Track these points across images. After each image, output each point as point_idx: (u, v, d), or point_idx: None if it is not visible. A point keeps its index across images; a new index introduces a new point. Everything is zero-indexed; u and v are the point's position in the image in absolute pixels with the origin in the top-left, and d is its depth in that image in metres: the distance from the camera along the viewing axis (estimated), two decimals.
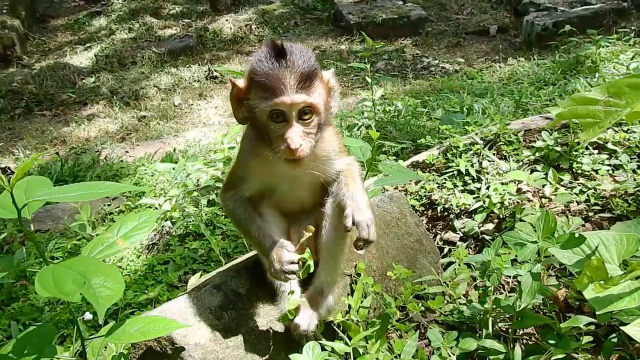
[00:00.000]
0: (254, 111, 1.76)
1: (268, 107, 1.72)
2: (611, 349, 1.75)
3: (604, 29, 7.28)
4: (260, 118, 1.76)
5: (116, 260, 3.64)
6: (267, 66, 1.71)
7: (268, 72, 1.71)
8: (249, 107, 1.78)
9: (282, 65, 1.71)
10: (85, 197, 1.37)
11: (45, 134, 7.26)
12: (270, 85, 1.71)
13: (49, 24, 11.40)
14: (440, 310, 2.08)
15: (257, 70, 1.73)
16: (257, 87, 1.74)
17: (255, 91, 1.75)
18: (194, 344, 1.83)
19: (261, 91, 1.73)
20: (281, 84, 1.70)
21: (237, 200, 1.98)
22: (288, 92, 1.70)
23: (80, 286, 1.23)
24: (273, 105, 1.71)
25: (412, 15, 9.92)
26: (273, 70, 1.71)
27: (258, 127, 1.82)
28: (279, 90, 1.70)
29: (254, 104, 1.75)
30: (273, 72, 1.71)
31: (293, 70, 1.71)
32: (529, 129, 3.26)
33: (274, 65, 1.71)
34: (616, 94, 1.23)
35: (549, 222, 1.67)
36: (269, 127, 1.76)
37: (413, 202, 3.08)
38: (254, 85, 1.75)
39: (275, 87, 1.70)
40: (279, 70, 1.71)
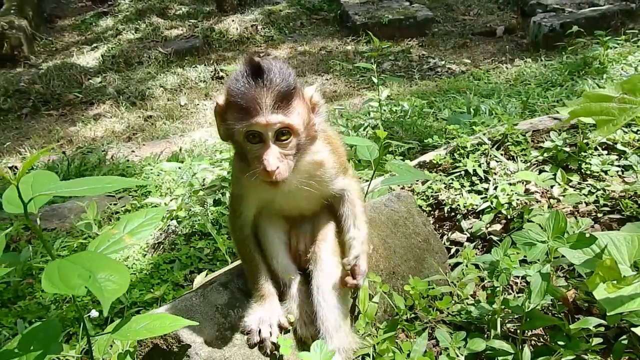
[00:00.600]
0: (231, 131, 1.73)
1: (243, 128, 1.68)
2: (622, 350, 1.73)
3: (611, 30, 7.24)
4: (237, 138, 1.73)
5: (122, 259, 3.65)
6: (243, 85, 1.67)
7: (243, 92, 1.67)
8: (227, 127, 1.75)
9: (259, 85, 1.66)
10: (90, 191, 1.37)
11: (52, 134, 7.29)
12: (245, 105, 1.66)
13: (56, 24, 11.45)
14: (448, 310, 2.07)
15: (233, 89, 1.69)
16: (233, 107, 1.70)
17: (231, 111, 1.72)
18: (200, 342, 1.82)
19: (237, 111, 1.69)
20: (256, 104, 1.66)
21: (242, 229, 1.99)
22: (264, 113, 1.66)
23: (86, 280, 1.23)
24: (248, 126, 1.67)
25: (419, 16, 9.90)
26: (249, 90, 1.66)
27: (237, 146, 1.80)
28: (254, 111, 1.66)
29: (231, 124, 1.71)
30: (248, 92, 1.66)
31: (270, 89, 1.66)
32: (537, 130, 3.24)
33: (249, 85, 1.66)
34: (631, 91, 1.21)
35: (559, 222, 1.65)
36: (246, 148, 1.73)
37: (420, 202, 3.06)
38: (231, 104, 1.72)
39: (251, 108, 1.66)
40: (255, 89, 1.66)
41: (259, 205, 1.98)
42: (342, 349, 1.89)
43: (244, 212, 1.97)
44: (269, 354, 1.89)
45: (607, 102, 1.22)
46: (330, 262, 1.97)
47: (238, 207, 1.97)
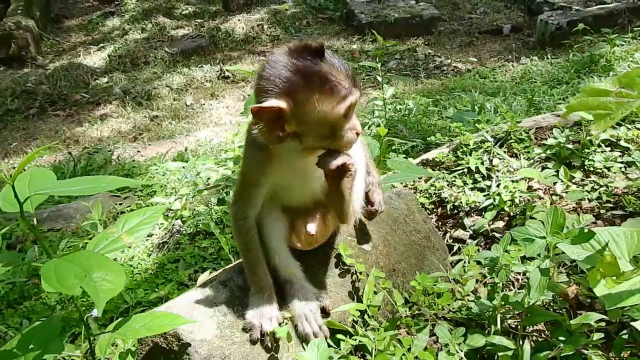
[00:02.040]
0: (316, 122, 1.69)
1: (342, 109, 1.69)
2: (622, 345, 1.72)
3: (619, 28, 7.19)
4: (328, 124, 1.71)
5: (127, 259, 3.66)
6: (322, 71, 1.65)
7: (327, 76, 1.65)
8: (304, 121, 1.69)
9: (331, 64, 1.67)
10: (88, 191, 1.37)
11: (59, 134, 7.34)
12: (336, 85, 1.66)
13: (63, 25, 11.52)
14: (448, 307, 2.06)
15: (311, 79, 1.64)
16: (318, 96, 1.65)
17: (316, 101, 1.66)
18: (200, 340, 1.82)
19: (326, 96, 1.66)
20: (344, 80, 1.67)
21: (247, 219, 1.97)
22: (352, 86, 1.69)
23: (82, 280, 1.23)
24: (348, 104, 1.69)
25: (425, 15, 9.87)
26: (329, 72, 1.66)
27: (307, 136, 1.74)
28: (346, 87, 1.68)
29: (319, 114, 1.67)
30: (330, 74, 1.66)
31: (340, 65, 1.69)
32: (540, 127, 3.22)
33: (327, 68, 1.66)
34: (628, 85, 1.20)
35: (558, 218, 1.64)
36: (339, 128, 1.73)
37: (423, 200, 3.06)
38: (310, 95, 1.65)
39: (342, 85, 1.67)
40: (331, 71, 1.66)
41: (274, 189, 1.96)
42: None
43: (256, 197, 1.94)
44: (270, 348, 1.89)
45: (604, 96, 1.21)
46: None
47: (250, 195, 1.95)
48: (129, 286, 3.37)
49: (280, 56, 1.69)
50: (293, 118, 1.68)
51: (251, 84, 8.31)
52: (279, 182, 1.94)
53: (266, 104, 1.65)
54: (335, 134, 1.73)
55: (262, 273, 1.97)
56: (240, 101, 7.96)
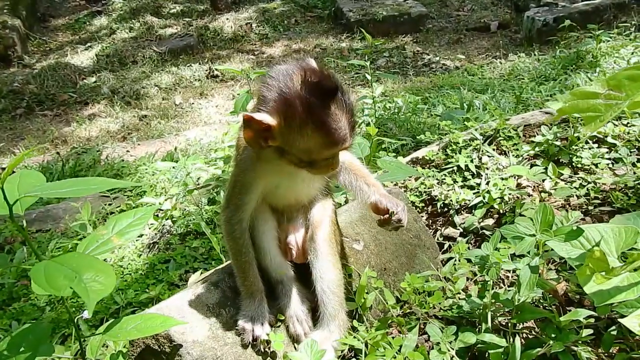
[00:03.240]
0: (300, 150, 1.67)
1: (329, 153, 1.69)
2: (611, 341, 1.74)
3: (604, 24, 7.26)
4: (310, 156, 1.69)
5: (117, 259, 3.64)
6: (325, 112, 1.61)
7: (327, 119, 1.61)
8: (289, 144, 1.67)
9: (338, 107, 1.62)
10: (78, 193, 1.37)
11: (47, 134, 7.28)
12: (331, 131, 1.62)
13: (49, 24, 11.42)
14: (439, 305, 2.07)
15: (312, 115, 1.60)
16: (311, 133, 1.62)
17: (307, 135, 1.63)
18: (191, 341, 1.82)
19: (317, 136, 1.63)
20: (341, 128, 1.63)
21: (241, 222, 1.95)
22: (347, 136, 1.65)
23: (71, 281, 1.23)
24: (336, 150, 1.69)
25: (413, 12, 9.90)
26: (331, 115, 1.61)
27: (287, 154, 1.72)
28: (341, 136, 1.64)
29: (305, 146, 1.65)
30: (331, 117, 1.61)
31: (346, 110, 1.65)
32: (528, 124, 3.24)
33: (331, 110, 1.61)
34: (616, 87, 1.21)
35: (547, 215, 1.66)
36: (318, 161, 1.72)
37: (413, 198, 3.07)
38: (303, 127, 1.62)
39: (337, 132, 1.62)
40: (335, 113, 1.62)
41: (263, 192, 1.96)
42: (340, 330, 1.97)
43: (248, 202, 1.93)
44: (262, 352, 1.89)
45: (594, 98, 1.22)
46: (328, 250, 1.99)
47: (242, 199, 1.93)
48: (120, 287, 3.35)
49: (294, 75, 1.64)
50: (280, 137, 1.66)
51: (240, 82, 8.29)
52: (268, 183, 1.95)
53: (258, 117, 1.63)
54: (313, 165, 1.73)
55: (253, 277, 1.96)
56: (230, 100, 7.94)
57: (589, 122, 1.20)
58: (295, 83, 1.63)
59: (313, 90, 1.61)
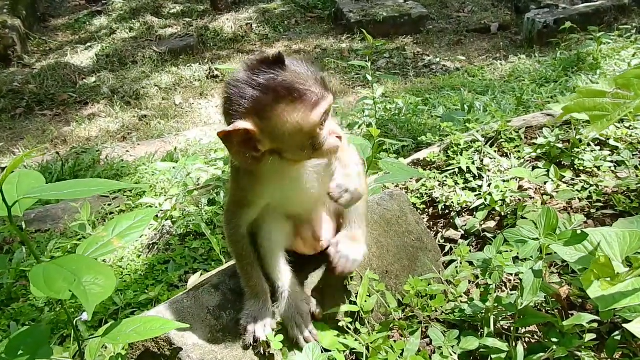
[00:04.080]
0: (290, 135, 1.58)
1: (320, 119, 1.58)
2: (614, 346, 1.73)
3: (605, 26, 7.26)
4: (303, 135, 1.59)
5: (117, 260, 3.63)
6: (285, 80, 1.54)
7: (291, 85, 1.53)
8: (278, 137, 1.58)
9: (295, 71, 1.56)
10: (78, 194, 1.35)
11: (46, 134, 7.27)
12: (306, 94, 1.54)
13: (49, 24, 11.41)
14: (441, 308, 2.06)
15: (275, 91, 1.53)
16: (286, 108, 1.54)
17: (285, 114, 1.55)
18: (192, 344, 1.80)
19: (297, 107, 1.54)
20: (311, 85, 1.56)
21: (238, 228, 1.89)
22: (323, 90, 1.58)
23: (71, 284, 1.21)
24: (323, 110, 1.58)
25: (413, 14, 9.89)
26: (294, 79, 1.54)
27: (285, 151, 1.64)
28: (316, 92, 1.56)
29: (291, 127, 1.56)
30: (295, 81, 1.54)
31: (305, 69, 1.58)
32: (530, 126, 3.23)
33: (291, 76, 1.54)
34: (625, 86, 1.19)
35: (551, 219, 1.64)
36: (316, 137, 1.61)
37: (414, 200, 3.06)
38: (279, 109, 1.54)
39: (310, 90, 1.55)
40: (297, 76, 1.55)
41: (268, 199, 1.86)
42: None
43: (247, 215, 1.87)
44: (261, 354, 1.88)
45: (601, 97, 1.21)
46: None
47: (241, 212, 1.87)
48: (119, 287, 3.34)
49: (240, 74, 1.58)
50: (264, 136, 1.58)
51: None
52: (273, 199, 1.86)
53: (231, 127, 1.55)
54: (314, 143, 1.62)
55: (257, 278, 1.93)
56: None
57: (596, 122, 1.18)
58: (246, 78, 1.56)
59: (262, 72, 1.55)
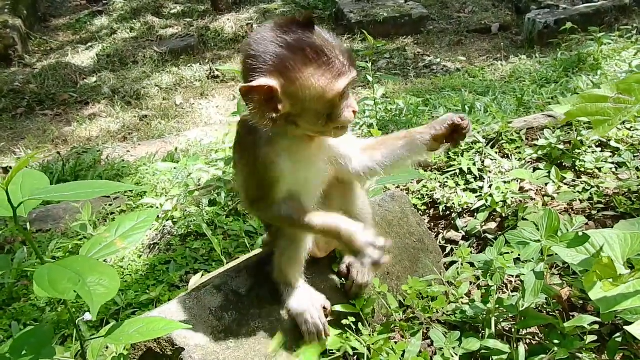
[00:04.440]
0: (311, 99, 1.56)
1: (341, 89, 1.56)
2: (616, 348, 1.73)
3: (606, 27, 7.26)
4: (324, 102, 1.57)
5: (118, 260, 3.64)
6: (315, 44, 1.53)
7: (321, 49, 1.52)
8: (299, 99, 1.56)
9: (324, 38, 1.55)
10: (81, 196, 1.36)
11: (47, 134, 7.28)
12: (334, 61, 1.54)
13: (50, 24, 11.41)
14: (442, 310, 2.07)
15: (304, 53, 1.52)
16: (313, 71, 1.53)
17: (310, 77, 1.53)
18: (194, 345, 1.81)
19: (321, 71, 1.53)
20: (339, 55, 1.55)
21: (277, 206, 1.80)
22: (349, 63, 1.57)
23: (75, 284, 1.22)
24: (346, 82, 1.57)
25: (414, 14, 9.89)
26: (323, 45, 1.53)
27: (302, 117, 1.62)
28: (343, 63, 1.56)
29: (314, 91, 1.54)
30: (324, 47, 1.53)
31: (333, 40, 1.57)
32: (531, 127, 3.23)
33: (320, 42, 1.53)
34: (626, 91, 1.20)
35: (552, 221, 1.65)
36: (336, 106, 1.60)
37: (415, 201, 3.06)
38: (304, 70, 1.53)
39: (338, 60, 1.55)
40: (326, 44, 1.54)
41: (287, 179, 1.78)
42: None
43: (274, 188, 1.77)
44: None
45: (603, 102, 1.22)
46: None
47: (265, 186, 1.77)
48: (120, 288, 3.31)
49: (267, 32, 1.57)
50: (286, 97, 1.56)
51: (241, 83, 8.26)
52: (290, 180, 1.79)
53: (256, 83, 1.53)
54: (332, 113, 1.61)
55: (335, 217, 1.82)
56: (230, 101, 7.93)
57: (598, 126, 1.20)
58: (274, 37, 1.54)
59: (293, 32, 1.54)
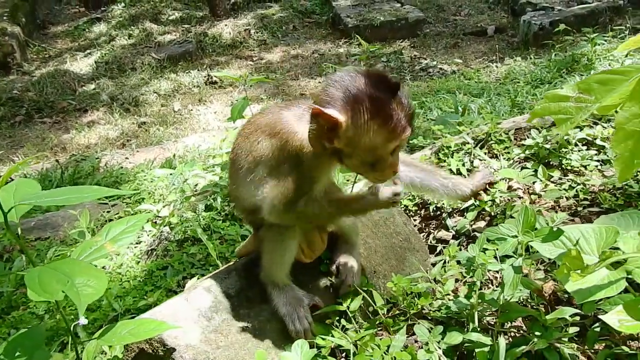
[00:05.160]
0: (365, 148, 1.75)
1: (393, 146, 1.76)
2: (595, 338, 1.77)
3: (600, 27, 7.31)
4: (374, 154, 1.77)
5: (116, 267, 3.68)
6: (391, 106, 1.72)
7: (392, 113, 1.72)
8: (355, 143, 1.75)
9: (399, 103, 1.74)
10: (72, 200, 1.41)
11: (46, 141, 7.34)
12: (397, 124, 1.72)
13: (49, 31, 11.51)
14: (428, 306, 2.11)
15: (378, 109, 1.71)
16: (376, 125, 1.72)
17: (373, 130, 1.72)
18: (185, 345, 1.86)
19: (384, 130, 1.73)
20: (403, 118, 1.74)
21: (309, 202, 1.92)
22: (408, 125, 1.76)
23: (64, 285, 1.27)
24: (399, 140, 1.76)
25: (410, 17, 9.96)
26: (395, 110, 1.72)
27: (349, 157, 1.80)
28: (402, 129, 1.74)
29: (371, 143, 1.74)
30: (396, 112, 1.72)
31: (405, 108, 1.75)
32: (519, 128, 3.27)
33: (395, 104, 1.72)
34: (586, 90, 1.26)
35: (529, 217, 1.70)
36: (382, 161, 1.79)
37: (406, 202, 3.10)
38: (370, 122, 1.71)
39: (400, 122, 1.73)
40: (397, 109, 1.73)
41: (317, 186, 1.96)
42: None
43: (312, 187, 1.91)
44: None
45: (565, 101, 1.27)
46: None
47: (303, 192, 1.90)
48: (118, 294, 3.39)
49: (358, 76, 1.74)
50: (345, 135, 1.73)
51: (239, 89, 8.33)
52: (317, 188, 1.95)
53: (328, 111, 1.69)
54: (376, 165, 1.80)
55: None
56: (228, 106, 7.99)
57: (560, 124, 1.26)
58: (360, 81, 1.72)
59: (379, 86, 1.72)
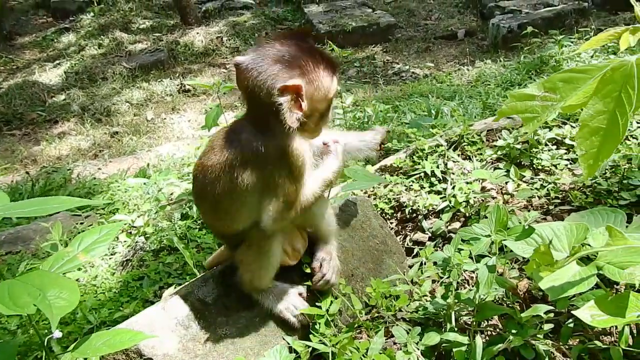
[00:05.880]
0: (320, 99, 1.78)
1: (336, 86, 1.82)
2: (569, 334, 1.81)
3: (566, 29, 7.47)
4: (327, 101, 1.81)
5: (90, 278, 3.61)
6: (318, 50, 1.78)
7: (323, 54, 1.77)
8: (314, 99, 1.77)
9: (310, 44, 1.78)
10: (41, 211, 1.39)
11: (15, 154, 7.20)
12: (332, 61, 1.78)
13: (16, 42, 11.30)
14: (406, 308, 2.12)
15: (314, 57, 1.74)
16: (322, 73, 1.76)
17: (321, 78, 1.76)
18: (162, 355, 1.84)
19: (327, 74, 1.77)
20: (334, 58, 1.80)
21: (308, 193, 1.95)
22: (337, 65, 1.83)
23: (35, 298, 1.24)
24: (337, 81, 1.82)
25: (382, 23, 10.04)
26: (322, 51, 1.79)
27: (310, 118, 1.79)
28: (335, 67, 1.80)
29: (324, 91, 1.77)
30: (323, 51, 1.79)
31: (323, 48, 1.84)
32: (491, 129, 3.33)
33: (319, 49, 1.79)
34: (551, 89, 1.29)
35: (501, 216, 1.73)
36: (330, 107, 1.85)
37: (382, 205, 3.12)
38: (316, 70, 1.74)
39: (333, 65, 1.78)
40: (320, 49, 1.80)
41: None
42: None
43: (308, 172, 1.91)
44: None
45: (531, 100, 1.30)
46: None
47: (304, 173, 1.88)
48: (93, 306, 3.33)
49: (275, 45, 1.74)
50: (307, 96, 1.74)
51: (212, 96, 8.29)
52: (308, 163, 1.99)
53: (290, 82, 1.68)
54: (326, 113, 1.84)
55: None
56: (202, 114, 7.95)
57: (527, 123, 1.28)
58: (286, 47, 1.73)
59: (301, 41, 1.76)
